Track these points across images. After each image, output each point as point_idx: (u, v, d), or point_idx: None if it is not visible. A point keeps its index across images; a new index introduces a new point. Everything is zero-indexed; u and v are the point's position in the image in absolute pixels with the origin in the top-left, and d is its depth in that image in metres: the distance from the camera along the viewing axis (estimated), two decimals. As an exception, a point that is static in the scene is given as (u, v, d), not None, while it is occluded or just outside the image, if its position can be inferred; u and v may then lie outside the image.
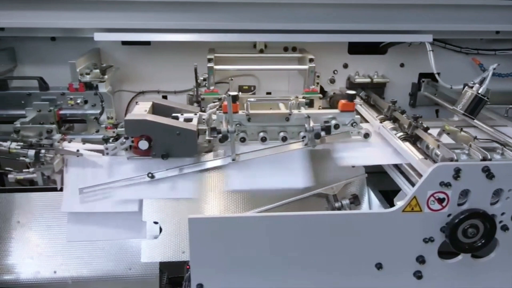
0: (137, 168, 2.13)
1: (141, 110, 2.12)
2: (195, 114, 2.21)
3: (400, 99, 2.79)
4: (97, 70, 2.47)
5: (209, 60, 2.46)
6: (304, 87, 2.59)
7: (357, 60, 2.88)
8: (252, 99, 2.17)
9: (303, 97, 2.43)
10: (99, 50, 2.66)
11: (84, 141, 2.33)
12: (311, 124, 2.06)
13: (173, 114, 2.19)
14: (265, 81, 2.86)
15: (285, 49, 2.82)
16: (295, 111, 2.19)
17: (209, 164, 2.12)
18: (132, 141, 2.05)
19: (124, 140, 2.06)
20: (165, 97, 2.83)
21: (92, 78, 2.37)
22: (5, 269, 2.23)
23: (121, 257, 2.20)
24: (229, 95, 2.17)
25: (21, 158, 2.14)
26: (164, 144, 2.00)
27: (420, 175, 1.91)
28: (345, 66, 2.89)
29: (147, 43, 2.69)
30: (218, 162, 2.12)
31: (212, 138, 2.08)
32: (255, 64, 2.69)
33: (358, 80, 2.83)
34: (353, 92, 2.23)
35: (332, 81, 2.89)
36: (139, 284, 2.19)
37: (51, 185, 2.19)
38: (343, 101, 2.24)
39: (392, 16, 2.62)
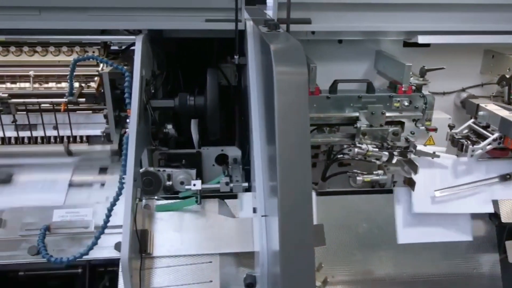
0: (486, 169, 2.17)
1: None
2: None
3: None
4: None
5: (518, 61, 2.47)
6: None
7: None
8: None
9: None
10: (380, 52, 2.68)
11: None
12: None
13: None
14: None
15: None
16: None
17: None
18: (499, 143, 2.08)
19: (491, 141, 2.08)
20: (430, 98, 2.85)
21: (418, 80, 2.38)
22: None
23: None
24: None
25: (372, 160, 2.19)
26: (539, 145, 2.02)
27: None
28: None
29: (427, 45, 2.70)
30: None
31: None
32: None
33: None
34: None
35: None
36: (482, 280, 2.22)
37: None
38: None
39: None
